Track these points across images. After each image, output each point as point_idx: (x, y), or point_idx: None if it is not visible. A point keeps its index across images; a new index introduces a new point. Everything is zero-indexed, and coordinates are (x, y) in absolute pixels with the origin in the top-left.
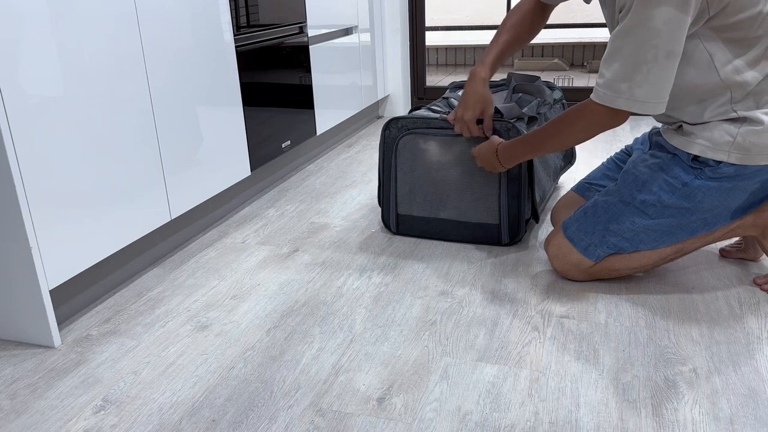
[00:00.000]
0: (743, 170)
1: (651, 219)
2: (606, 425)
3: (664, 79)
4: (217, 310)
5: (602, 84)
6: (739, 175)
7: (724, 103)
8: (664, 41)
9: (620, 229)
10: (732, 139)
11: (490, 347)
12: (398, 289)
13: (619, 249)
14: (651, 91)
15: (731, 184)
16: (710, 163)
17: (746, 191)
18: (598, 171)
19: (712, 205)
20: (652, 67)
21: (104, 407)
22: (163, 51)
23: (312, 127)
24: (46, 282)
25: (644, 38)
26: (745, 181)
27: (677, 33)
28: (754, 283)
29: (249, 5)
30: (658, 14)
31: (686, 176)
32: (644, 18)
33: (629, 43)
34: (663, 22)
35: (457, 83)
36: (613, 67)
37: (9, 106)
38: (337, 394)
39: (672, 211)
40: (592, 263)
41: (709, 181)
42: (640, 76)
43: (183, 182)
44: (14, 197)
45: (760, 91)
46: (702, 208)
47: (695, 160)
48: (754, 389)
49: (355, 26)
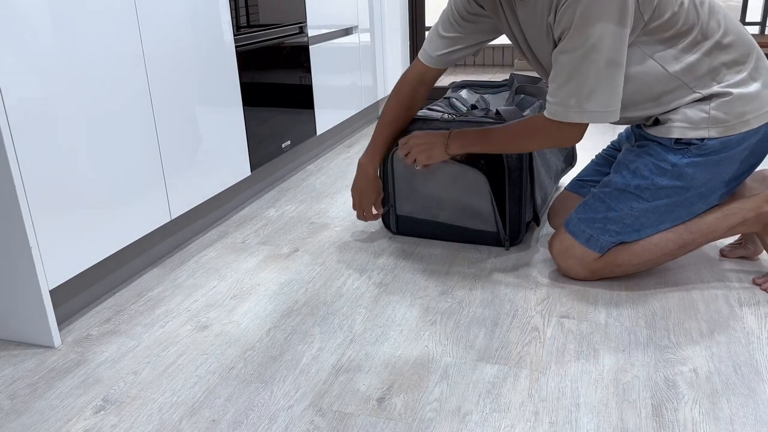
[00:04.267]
0: (728, 141)
1: (648, 202)
2: (606, 425)
3: (611, 89)
4: (217, 310)
5: (553, 101)
6: (725, 146)
7: (685, 91)
8: (604, 54)
9: (619, 216)
10: (706, 114)
11: (490, 347)
12: (398, 289)
13: (620, 236)
14: (600, 101)
15: (719, 157)
16: (694, 142)
17: (736, 160)
18: (588, 168)
19: (705, 179)
20: (596, 79)
21: (104, 407)
22: (163, 51)
23: (312, 127)
24: (46, 282)
25: (585, 54)
26: (732, 150)
27: (617, 44)
28: (754, 283)
29: (249, 5)
30: (595, 32)
31: (674, 157)
32: (584, 37)
33: (572, 60)
34: (600, 37)
35: (457, 83)
36: (560, 84)
37: (9, 106)
38: (337, 394)
39: (667, 192)
40: (597, 255)
41: (696, 158)
42: (586, 89)
43: (183, 182)
44: (14, 197)
45: (712, 69)
46: (695, 183)
47: (678, 142)
48: (754, 389)
49: (355, 26)
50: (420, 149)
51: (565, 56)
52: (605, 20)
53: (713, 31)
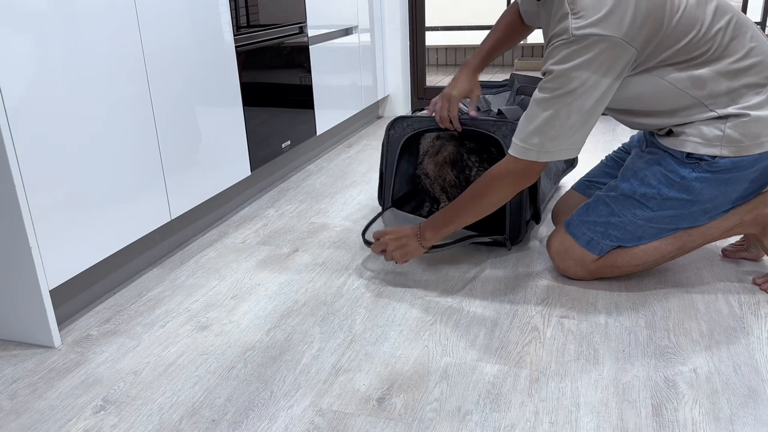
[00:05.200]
0: (740, 162)
1: (653, 211)
2: (606, 425)
3: (576, 134)
4: (217, 310)
5: (518, 137)
6: (737, 166)
7: (701, 109)
8: (577, 101)
9: (622, 222)
10: (721, 133)
11: (490, 347)
12: (398, 289)
13: (621, 242)
14: (562, 142)
15: (729, 176)
16: (705, 158)
17: (746, 180)
18: (597, 168)
19: (712, 195)
20: (564, 122)
21: (104, 407)
22: (163, 51)
23: (312, 127)
24: (46, 282)
25: (559, 97)
26: (743, 171)
27: (593, 93)
28: (754, 283)
29: (249, 5)
30: (576, 79)
31: (683, 170)
32: (563, 82)
33: (547, 101)
34: (579, 85)
35: None
36: (529, 121)
37: (9, 106)
38: (337, 394)
39: (673, 203)
40: (595, 258)
41: (706, 174)
42: (552, 131)
43: (183, 182)
44: (14, 197)
45: (731, 90)
46: (702, 199)
47: (690, 156)
48: (754, 389)
49: (355, 26)
50: (394, 247)
51: (540, 94)
52: (589, 69)
53: (734, 51)
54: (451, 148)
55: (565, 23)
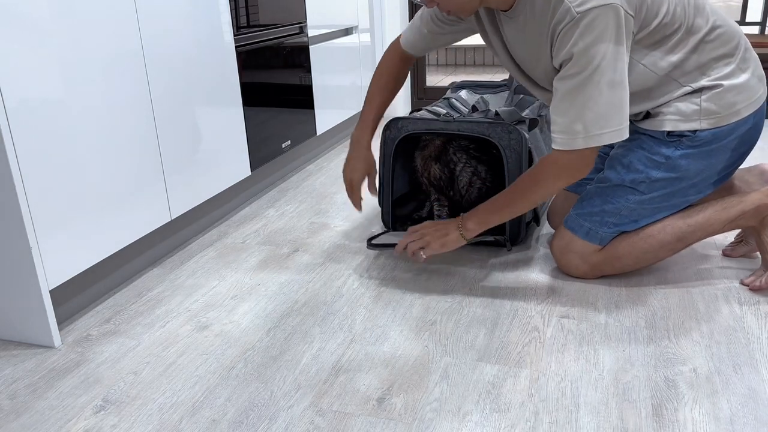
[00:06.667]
0: (719, 132)
1: (643, 194)
2: (606, 425)
3: (615, 108)
4: (217, 310)
5: (557, 130)
6: (716, 137)
7: (674, 86)
8: (606, 75)
9: (616, 208)
10: (698, 107)
11: (490, 347)
12: (398, 289)
13: (619, 227)
14: (605, 122)
15: (710, 147)
16: (686, 134)
17: (727, 149)
18: None
19: (698, 169)
20: (600, 102)
21: (104, 407)
22: (163, 51)
23: (312, 127)
24: (46, 282)
25: (588, 78)
26: (722, 140)
27: (618, 64)
28: (742, 284)
29: (249, 5)
30: (596, 54)
31: (666, 150)
32: (585, 61)
33: (575, 86)
34: (602, 59)
35: (457, 83)
36: (564, 112)
37: (9, 106)
38: (337, 394)
39: (662, 183)
40: (597, 248)
41: (689, 150)
42: (590, 113)
43: (183, 182)
44: (14, 197)
45: (700, 65)
46: (689, 174)
47: (670, 135)
48: (754, 389)
49: (355, 26)
50: (435, 236)
51: (567, 83)
52: (605, 41)
53: (699, 28)
54: (438, 143)
55: (563, 7)
